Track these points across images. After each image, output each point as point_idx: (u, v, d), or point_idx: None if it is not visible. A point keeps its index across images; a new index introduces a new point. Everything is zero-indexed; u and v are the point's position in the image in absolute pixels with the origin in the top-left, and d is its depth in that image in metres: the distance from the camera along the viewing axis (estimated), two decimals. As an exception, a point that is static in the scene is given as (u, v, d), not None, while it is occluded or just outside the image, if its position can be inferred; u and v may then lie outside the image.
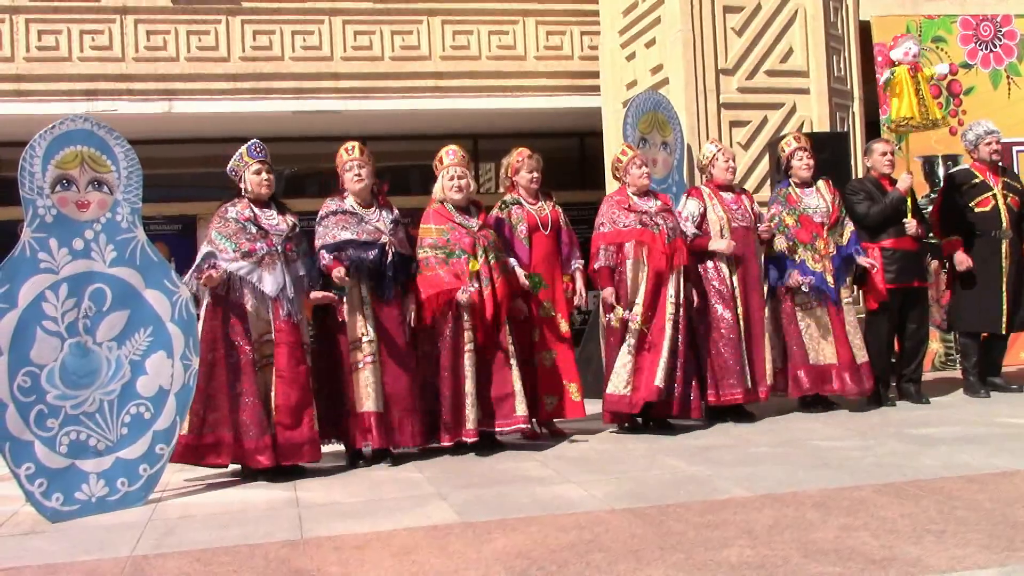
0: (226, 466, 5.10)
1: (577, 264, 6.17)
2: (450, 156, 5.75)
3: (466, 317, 5.45)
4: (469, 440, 5.43)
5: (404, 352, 5.39)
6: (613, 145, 9.03)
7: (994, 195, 6.91)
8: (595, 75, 10.14)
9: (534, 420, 5.88)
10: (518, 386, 5.52)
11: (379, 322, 5.33)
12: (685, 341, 6.00)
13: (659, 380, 5.76)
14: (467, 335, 5.47)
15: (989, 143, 6.97)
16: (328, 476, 5.09)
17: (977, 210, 6.92)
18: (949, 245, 6.92)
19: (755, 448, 5.31)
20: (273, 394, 5.00)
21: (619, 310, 5.90)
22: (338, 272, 5.17)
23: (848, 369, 6.30)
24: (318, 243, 5.35)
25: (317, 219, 5.43)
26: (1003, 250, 6.88)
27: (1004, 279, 6.86)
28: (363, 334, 5.28)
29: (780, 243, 6.45)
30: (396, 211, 5.59)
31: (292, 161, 11.85)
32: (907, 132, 6.94)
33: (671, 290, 5.94)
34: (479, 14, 10.29)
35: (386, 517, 4.10)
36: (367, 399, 5.23)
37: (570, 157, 12.48)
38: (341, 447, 5.43)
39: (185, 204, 11.53)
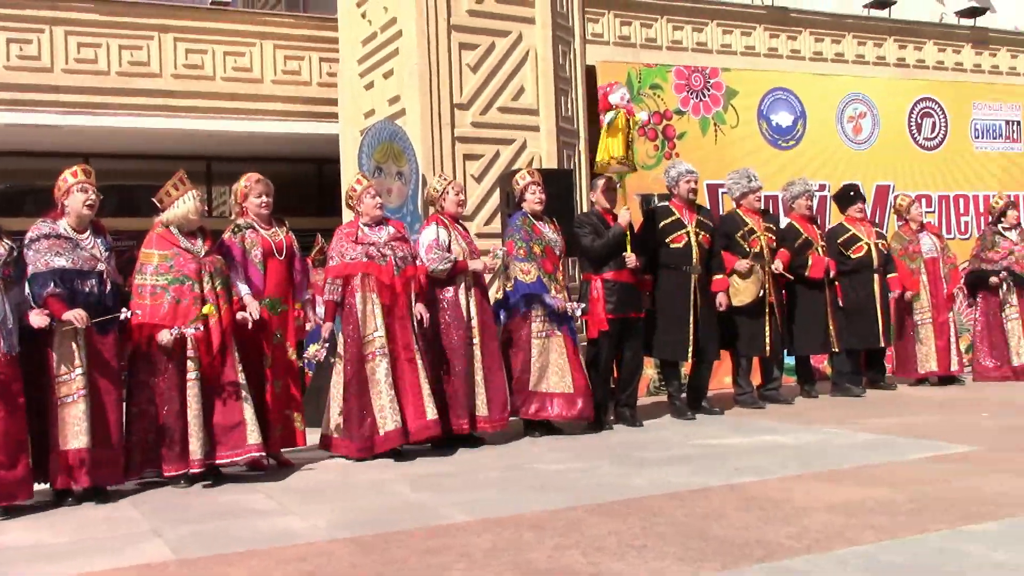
0: None
1: (308, 293, 6.14)
2: (188, 180, 5.58)
3: (189, 345, 5.29)
4: (194, 471, 5.26)
5: (116, 384, 5.15)
6: (351, 173, 9.07)
7: (687, 232, 7.44)
8: (333, 102, 10.16)
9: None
10: (249, 415, 5.41)
11: (91, 354, 5.05)
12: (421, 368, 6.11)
13: (431, 414, 5.95)
14: (190, 363, 5.30)
15: (689, 181, 7.53)
16: (33, 516, 4.75)
17: (672, 246, 7.38)
18: (645, 284, 7.38)
19: (480, 473, 5.47)
20: None
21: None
22: (72, 315, 4.88)
23: (578, 395, 6.58)
24: (30, 269, 5.01)
25: (26, 242, 5.08)
26: (691, 284, 7.36)
27: (692, 312, 7.32)
28: (75, 366, 4.98)
29: (527, 272, 6.62)
30: (109, 237, 5.34)
31: (7, 177, 11.07)
32: (617, 171, 7.26)
33: (411, 321, 6.07)
34: (214, 34, 10.07)
35: (95, 557, 3.89)
36: (77, 435, 4.92)
37: (308, 183, 12.39)
38: (47, 485, 5.09)
39: None
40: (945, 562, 3.38)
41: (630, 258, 6.92)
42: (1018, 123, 11.54)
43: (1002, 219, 9.51)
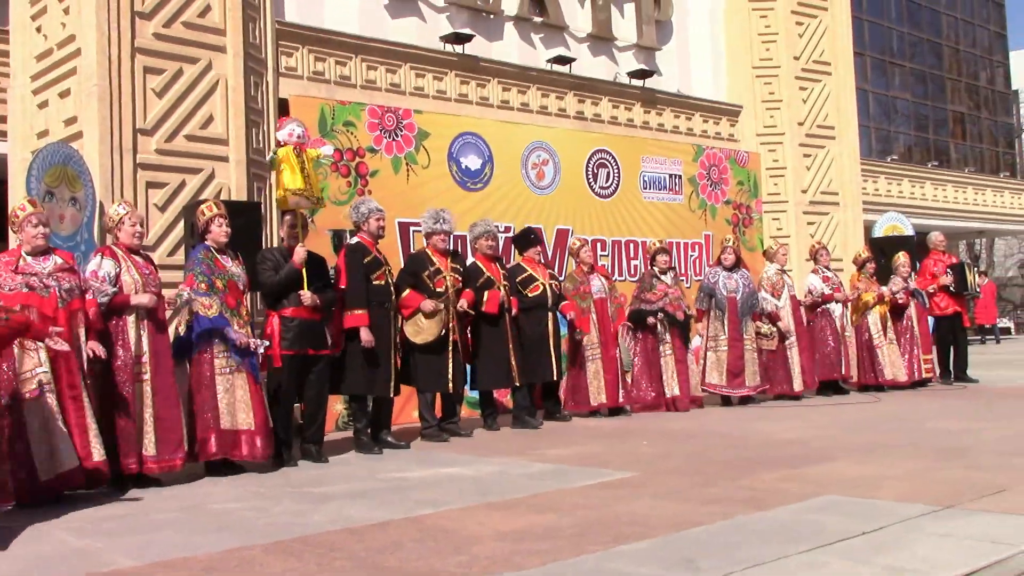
0: None
1: None
2: None
3: None
4: None
5: None
6: (20, 196, 8.43)
7: (387, 270, 7.67)
8: (2, 120, 9.41)
9: None
10: None
11: None
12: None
13: (97, 455, 5.63)
14: None
15: (379, 219, 7.74)
16: None
17: (375, 283, 7.58)
18: (353, 318, 7.45)
19: (153, 515, 5.23)
20: None
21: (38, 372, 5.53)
22: None
23: (260, 433, 6.49)
24: None
25: None
26: (391, 320, 7.62)
27: (392, 345, 7.60)
28: None
29: (209, 307, 6.45)
30: None
31: None
32: (295, 207, 7.22)
33: (76, 356, 5.70)
34: None
35: None
36: None
37: (-30, 205, 11.35)
38: None
39: None
40: (598, 581, 3.66)
41: (305, 295, 6.96)
42: (679, 177, 12.72)
43: (654, 263, 10.43)
